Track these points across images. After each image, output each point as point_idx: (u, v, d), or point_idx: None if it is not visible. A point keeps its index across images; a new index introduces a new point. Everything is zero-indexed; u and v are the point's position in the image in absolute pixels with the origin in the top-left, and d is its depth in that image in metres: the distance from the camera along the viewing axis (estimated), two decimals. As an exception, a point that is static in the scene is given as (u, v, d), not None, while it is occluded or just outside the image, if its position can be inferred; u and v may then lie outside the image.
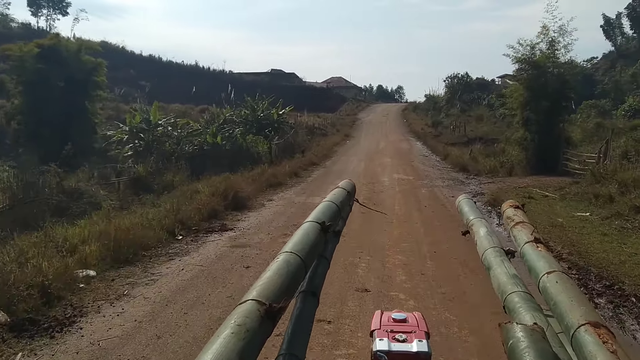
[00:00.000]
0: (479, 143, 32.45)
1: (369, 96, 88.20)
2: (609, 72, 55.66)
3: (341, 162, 23.78)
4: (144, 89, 57.44)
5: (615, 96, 50.25)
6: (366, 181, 17.12)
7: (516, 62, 20.08)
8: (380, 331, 1.27)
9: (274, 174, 16.84)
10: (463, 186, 17.10)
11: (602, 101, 46.70)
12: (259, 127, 30.26)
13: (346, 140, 35.38)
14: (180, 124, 27.14)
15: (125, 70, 58.73)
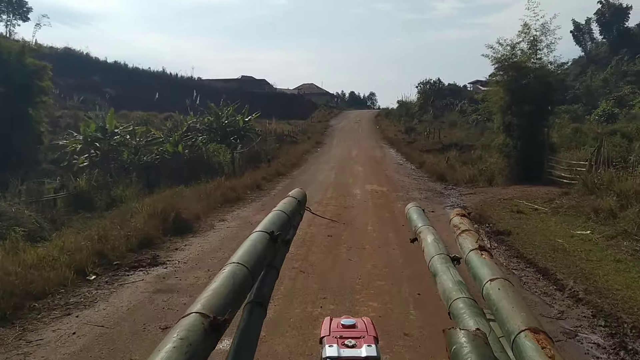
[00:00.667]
0: (455, 150, 30.87)
1: (341, 103, 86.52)
2: (580, 77, 54.98)
3: (310, 171, 21.81)
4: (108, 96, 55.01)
5: (587, 101, 49.47)
6: (336, 194, 15.18)
7: (496, 63, 18.40)
8: (330, 337, 1.24)
9: (233, 187, 14.77)
10: (442, 198, 15.27)
11: (575, 106, 45.80)
12: (223, 135, 28.13)
13: (317, 148, 33.45)
14: (139, 132, 24.92)
15: (89, 77, 56.15)
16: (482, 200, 14.64)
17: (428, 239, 1.61)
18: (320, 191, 15.64)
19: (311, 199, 14.35)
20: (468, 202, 14.44)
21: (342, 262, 7.81)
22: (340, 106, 79.27)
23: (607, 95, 46.77)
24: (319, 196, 14.66)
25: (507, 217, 12.05)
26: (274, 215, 1.56)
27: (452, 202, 14.43)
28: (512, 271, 7.75)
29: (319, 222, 10.92)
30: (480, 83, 65.04)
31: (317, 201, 13.78)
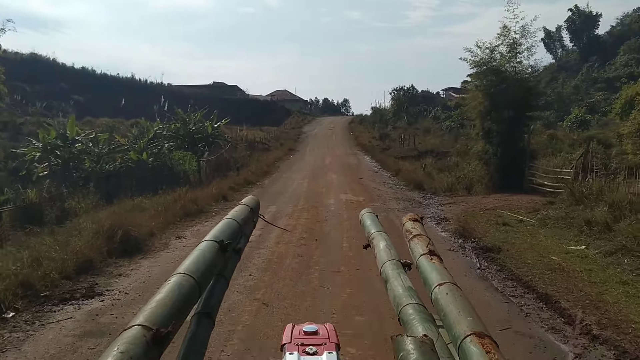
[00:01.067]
0: (430, 156, 30.09)
1: (315, 109, 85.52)
2: (551, 84, 54.96)
3: (282, 180, 20.60)
4: (76, 102, 53.08)
5: (558, 108, 49.38)
6: (309, 205, 14.01)
7: (474, 66, 17.52)
8: (291, 345, 1.24)
9: (195, 198, 13.46)
10: (422, 208, 14.22)
11: (547, 113, 45.53)
12: (190, 142, 26.71)
13: (290, 155, 32.27)
14: (101, 139, 23.41)
15: (56, 83, 54.11)
16: (464, 210, 13.64)
17: (380, 245, 1.58)
18: (291, 202, 14.46)
19: (281, 211, 13.18)
20: (449, 212, 13.41)
21: (313, 291, 6.61)
22: (314, 113, 78.25)
23: (578, 101, 46.70)
24: (290, 208, 13.47)
25: (492, 230, 11.04)
26: (225, 224, 1.51)
27: (432, 213, 13.39)
28: (509, 298, 6.67)
29: (288, 239, 9.75)
30: (453, 90, 64.82)
31: (287, 214, 12.60)
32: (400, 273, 1.35)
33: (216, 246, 1.29)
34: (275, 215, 12.27)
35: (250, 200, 1.89)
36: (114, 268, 7.75)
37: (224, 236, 1.38)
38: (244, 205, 1.78)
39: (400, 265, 1.42)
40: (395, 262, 1.43)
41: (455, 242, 10.00)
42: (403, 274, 1.36)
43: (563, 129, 37.70)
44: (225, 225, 1.51)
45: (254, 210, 1.83)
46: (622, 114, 25.48)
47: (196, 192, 15.31)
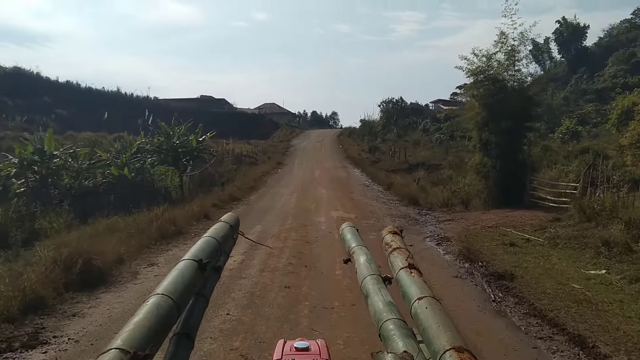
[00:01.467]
0: (422, 169, 29.10)
1: (303, 122, 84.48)
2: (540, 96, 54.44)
3: (269, 195, 19.47)
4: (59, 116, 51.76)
5: (548, 119, 48.78)
6: (297, 224, 12.90)
7: (470, 75, 16.58)
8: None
9: (173, 218, 12.27)
10: (419, 226, 13.16)
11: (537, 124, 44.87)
12: (174, 157, 25.54)
13: (278, 169, 31.15)
14: (81, 153, 22.19)
15: (39, 97, 52.73)
16: (464, 228, 12.59)
17: (360, 259, 1.57)
18: (278, 220, 13.33)
19: (267, 231, 11.99)
20: (449, 230, 12.36)
21: (303, 336, 5.49)
22: (302, 126, 77.28)
23: (569, 113, 46.13)
24: (277, 227, 12.34)
25: (499, 251, 9.97)
26: (203, 242, 1.49)
27: (431, 232, 12.33)
28: (536, 341, 5.58)
29: (274, 265, 8.62)
30: (442, 102, 64.26)
31: (274, 234, 11.46)
32: (380, 288, 1.32)
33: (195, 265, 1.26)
34: (261, 236, 11.14)
35: (229, 217, 1.84)
36: (69, 305, 6.55)
37: (203, 255, 1.34)
38: (224, 223, 1.74)
39: (380, 280, 1.38)
40: (375, 276, 1.39)
41: (462, 266, 8.92)
42: (384, 288, 1.32)
43: (554, 140, 36.97)
44: (204, 243, 1.46)
45: (233, 227, 1.78)
46: (618, 124, 24.70)
47: (176, 210, 14.13)
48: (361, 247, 1.69)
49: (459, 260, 9.33)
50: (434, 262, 9.14)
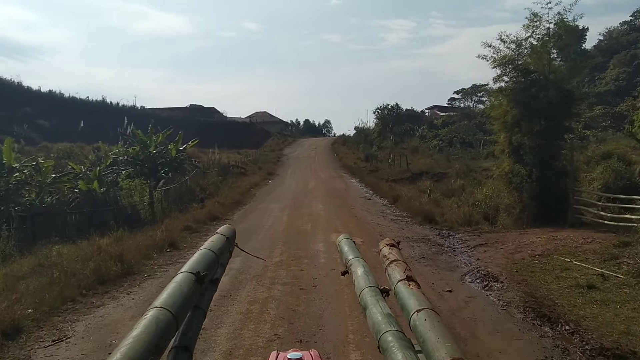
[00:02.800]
0: (426, 178, 26.01)
1: (296, 131, 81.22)
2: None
3: (256, 212, 16.20)
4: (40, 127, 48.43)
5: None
6: (288, 255, 9.64)
7: (496, 65, 13.45)
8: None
9: (121, 252, 8.93)
10: (446, 255, 9.92)
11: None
12: (152, 168, 22.30)
13: (268, 180, 27.89)
14: (46, 166, 18.99)
15: (20, 108, 49.33)
16: (508, 257, 9.39)
17: (358, 271, 1.53)
18: (264, 250, 10.06)
19: (247, 270, 8.03)
20: (489, 261, 9.13)
21: None
22: (294, 134, 74.06)
23: (573, 117, 43.20)
24: (260, 262, 9.08)
25: (580, 300, 6.75)
26: (201, 255, 1.45)
27: (465, 264, 9.11)
28: None
29: (250, 342, 5.36)
30: (438, 108, 61.33)
31: (256, 275, 8.18)
32: (378, 300, 1.29)
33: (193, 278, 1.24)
34: (239, 277, 7.89)
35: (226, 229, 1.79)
36: None
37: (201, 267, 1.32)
38: (220, 235, 1.69)
39: (378, 292, 1.35)
40: (373, 288, 1.36)
41: (541, 333, 5.67)
42: (382, 300, 1.30)
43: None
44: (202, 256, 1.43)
45: (230, 239, 1.74)
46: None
47: (137, 236, 10.88)
48: (358, 259, 1.62)
49: (530, 319, 6.09)
50: (494, 326, 5.89)
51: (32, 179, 18.03)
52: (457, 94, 54.02)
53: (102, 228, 14.92)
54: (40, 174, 18.12)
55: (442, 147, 43.65)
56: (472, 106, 53.28)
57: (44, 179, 18.07)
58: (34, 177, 18.00)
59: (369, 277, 1.47)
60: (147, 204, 15.59)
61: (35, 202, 16.53)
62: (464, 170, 25.64)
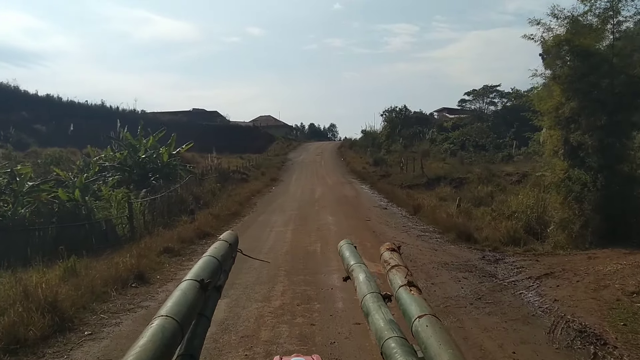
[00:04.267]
0: (444, 184, 23.30)
1: (300, 135, 78.61)
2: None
3: (255, 227, 13.52)
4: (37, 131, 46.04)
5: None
6: (293, 292, 6.96)
7: (548, 46, 10.75)
8: None
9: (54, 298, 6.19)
10: (509, 294, 7.16)
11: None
12: (142, 174, 19.70)
13: (271, 187, 25.22)
14: (22, 172, 16.53)
15: (17, 112, 46.93)
16: (594, 297, 6.66)
17: (360, 277, 1.48)
18: (260, 286, 7.38)
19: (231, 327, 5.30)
20: (571, 304, 6.40)
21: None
22: (299, 138, 71.42)
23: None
24: (254, 309, 6.37)
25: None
26: (204, 262, 1.40)
27: (541, 309, 6.37)
28: None
29: None
30: (447, 110, 58.56)
31: (246, 334, 5.49)
32: (381, 306, 1.26)
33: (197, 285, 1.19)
34: (215, 348, 5.23)
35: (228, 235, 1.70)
36: None
37: (205, 274, 1.27)
38: (223, 241, 1.62)
39: (380, 298, 1.31)
40: (375, 294, 1.32)
41: None
42: (384, 306, 1.26)
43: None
44: (205, 263, 1.38)
45: (232, 245, 1.67)
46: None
47: (92, 266, 8.24)
48: (360, 265, 1.56)
49: None
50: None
51: (10, 188, 15.57)
52: (468, 95, 51.23)
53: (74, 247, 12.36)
54: (16, 182, 15.62)
55: (454, 150, 41.01)
56: (484, 108, 50.47)
57: (20, 187, 15.55)
58: (12, 186, 15.53)
59: (370, 283, 1.39)
60: (125, 218, 12.94)
61: (7, 213, 14.03)
62: (486, 176, 22.94)
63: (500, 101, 49.28)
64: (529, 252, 9.93)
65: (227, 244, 1.63)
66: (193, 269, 1.32)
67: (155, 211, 14.36)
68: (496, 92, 49.66)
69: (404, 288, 1.22)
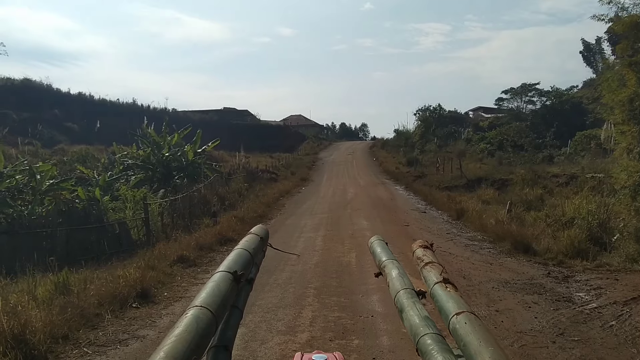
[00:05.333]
0: (485, 185, 21.65)
1: (331, 134, 77.24)
2: (599, 100, 46.15)
3: (282, 232, 12.20)
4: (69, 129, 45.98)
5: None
6: (324, 320, 5.58)
7: (622, 28, 9.11)
8: None
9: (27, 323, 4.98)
10: (598, 330, 5.63)
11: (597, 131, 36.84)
12: (166, 173, 18.65)
13: (301, 187, 23.93)
14: (43, 170, 15.72)
15: (49, 110, 46.95)
16: None
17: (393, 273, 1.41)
18: (286, 308, 6.04)
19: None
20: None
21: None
22: (330, 138, 70.08)
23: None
24: (278, 340, 5.04)
25: None
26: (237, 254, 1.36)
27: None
28: None
29: None
30: (483, 110, 56.32)
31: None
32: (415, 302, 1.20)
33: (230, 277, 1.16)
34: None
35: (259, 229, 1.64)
36: None
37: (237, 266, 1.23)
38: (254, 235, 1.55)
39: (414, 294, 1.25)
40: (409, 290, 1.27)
41: None
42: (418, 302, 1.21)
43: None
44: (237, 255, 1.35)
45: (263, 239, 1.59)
46: None
47: (90, 279, 7.02)
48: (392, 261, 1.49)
49: None
50: None
51: (31, 186, 14.73)
52: (506, 93, 48.91)
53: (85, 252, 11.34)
54: (35, 180, 14.76)
55: (491, 150, 39.05)
56: (522, 107, 48.17)
57: (39, 186, 14.67)
58: (32, 184, 14.69)
59: (404, 279, 1.33)
60: (140, 222, 11.79)
61: (23, 213, 13.12)
62: (531, 177, 21.16)
63: (539, 100, 46.90)
64: (602, 268, 8.32)
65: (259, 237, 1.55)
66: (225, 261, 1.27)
67: (175, 213, 13.18)
68: (535, 91, 47.28)
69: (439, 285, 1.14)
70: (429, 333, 1.04)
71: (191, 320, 0.94)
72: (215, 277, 1.17)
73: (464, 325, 0.97)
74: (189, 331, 0.90)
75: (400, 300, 1.25)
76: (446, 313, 1.05)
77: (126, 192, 13.37)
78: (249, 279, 1.44)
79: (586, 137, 33.99)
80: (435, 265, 1.28)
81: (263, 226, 1.72)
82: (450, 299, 1.09)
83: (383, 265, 1.53)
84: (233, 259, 1.31)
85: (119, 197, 13.92)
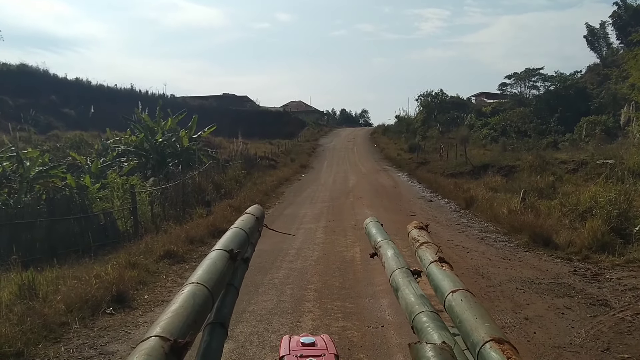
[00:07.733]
0: (491, 172, 20.71)
1: (332, 121, 76.13)
2: (604, 85, 44.92)
3: (280, 222, 11.31)
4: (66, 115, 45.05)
5: (615, 110, 39.49)
6: (326, 332, 4.77)
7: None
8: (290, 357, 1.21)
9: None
10: None
11: (603, 117, 35.82)
12: (159, 159, 17.77)
13: (301, 174, 23.06)
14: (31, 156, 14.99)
15: (46, 96, 45.94)
16: None
17: (388, 253, 1.45)
18: (282, 316, 5.20)
19: None
20: None
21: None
22: (330, 124, 69.00)
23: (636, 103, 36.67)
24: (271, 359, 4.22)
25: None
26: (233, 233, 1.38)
27: None
28: None
29: None
30: (485, 95, 55.22)
31: None
32: (410, 281, 1.23)
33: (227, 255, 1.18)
34: None
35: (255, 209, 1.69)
36: None
37: (234, 245, 1.25)
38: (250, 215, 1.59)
39: (410, 273, 1.28)
40: (404, 270, 1.29)
41: None
42: (413, 281, 1.23)
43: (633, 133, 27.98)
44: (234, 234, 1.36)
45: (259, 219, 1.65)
46: None
47: (61, 280, 6.19)
48: (387, 241, 1.51)
49: None
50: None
51: (17, 173, 13.98)
52: (509, 78, 47.77)
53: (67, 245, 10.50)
54: (23, 167, 13.98)
55: (495, 136, 38.13)
56: (525, 92, 47.11)
57: (27, 173, 13.90)
58: (20, 171, 13.93)
59: (399, 259, 1.36)
60: (127, 212, 10.92)
61: (9, 202, 12.33)
62: (539, 164, 20.25)
63: (543, 85, 45.82)
64: (633, 264, 7.47)
65: (254, 217, 1.58)
66: (221, 239, 1.27)
67: (167, 202, 12.32)
68: (539, 76, 46.18)
69: (435, 264, 1.17)
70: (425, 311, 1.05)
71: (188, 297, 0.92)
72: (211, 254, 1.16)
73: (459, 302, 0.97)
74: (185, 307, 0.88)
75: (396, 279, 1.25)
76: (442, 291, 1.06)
77: (115, 180, 12.49)
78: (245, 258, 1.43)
79: (591, 123, 33.09)
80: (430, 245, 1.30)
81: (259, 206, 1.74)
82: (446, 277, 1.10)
83: (378, 245, 1.53)
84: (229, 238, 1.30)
85: (108, 185, 13.08)
